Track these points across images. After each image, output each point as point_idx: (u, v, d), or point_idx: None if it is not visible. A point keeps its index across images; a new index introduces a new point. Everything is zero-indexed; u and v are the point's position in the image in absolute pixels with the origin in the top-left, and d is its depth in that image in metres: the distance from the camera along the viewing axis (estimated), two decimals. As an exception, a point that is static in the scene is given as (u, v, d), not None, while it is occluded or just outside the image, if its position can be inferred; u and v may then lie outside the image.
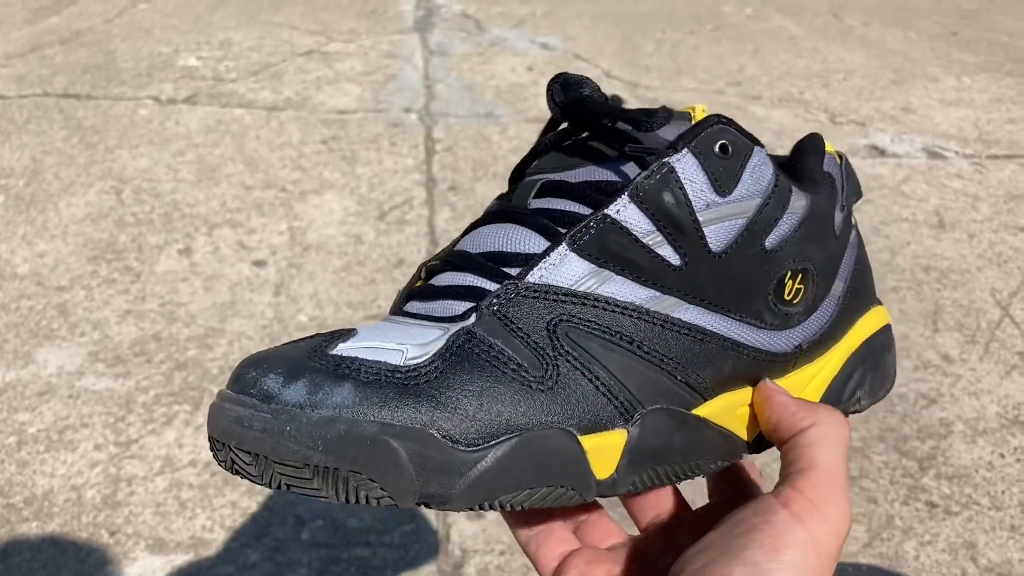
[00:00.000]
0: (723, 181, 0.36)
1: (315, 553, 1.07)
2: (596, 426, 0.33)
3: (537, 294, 0.34)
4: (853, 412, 0.42)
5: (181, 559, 1.06)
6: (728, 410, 0.37)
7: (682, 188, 0.35)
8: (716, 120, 0.37)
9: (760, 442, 0.39)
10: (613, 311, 0.35)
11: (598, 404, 0.33)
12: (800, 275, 0.38)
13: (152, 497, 1.13)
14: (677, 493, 0.42)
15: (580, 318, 0.34)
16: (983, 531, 1.12)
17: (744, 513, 0.34)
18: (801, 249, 0.38)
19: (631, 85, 2.27)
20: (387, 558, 1.07)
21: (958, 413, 1.30)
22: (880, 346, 0.43)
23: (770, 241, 0.37)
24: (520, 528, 0.40)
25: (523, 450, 0.32)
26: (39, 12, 2.60)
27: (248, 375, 0.32)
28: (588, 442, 0.33)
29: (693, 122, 0.37)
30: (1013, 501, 1.17)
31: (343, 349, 0.32)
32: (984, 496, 1.17)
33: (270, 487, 0.31)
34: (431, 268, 0.38)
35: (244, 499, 1.13)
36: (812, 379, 0.40)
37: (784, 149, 1.77)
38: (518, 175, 0.41)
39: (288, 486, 0.30)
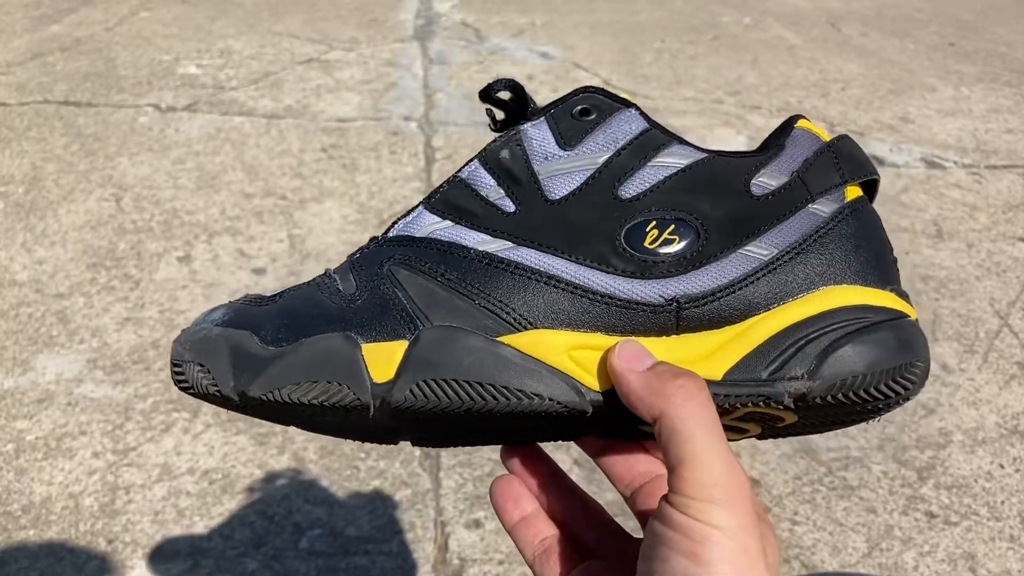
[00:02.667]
0: (569, 137, 0.40)
1: (313, 562, 1.06)
2: (382, 336, 0.38)
3: (390, 244, 0.40)
4: (798, 398, 0.37)
5: (179, 567, 1.05)
6: (549, 346, 0.37)
7: (520, 145, 0.40)
8: (584, 90, 0.41)
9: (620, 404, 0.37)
10: (436, 250, 0.39)
11: (391, 320, 0.38)
12: (672, 225, 0.38)
13: (150, 505, 1.13)
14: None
15: (406, 257, 0.39)
16: (982, 541, 1.12)
17: (653, 523, 0.33)
18: (675, 200, 0.39)
19: (630, 94, 2.28)
20: (385, 567, 1.06)
21: (957, 423, 1.30)
22: (858, 324, 0.37)
23: (627, 190, 0.39)
24: (526, 548, 0.41)
25: (307, 348, 0.37)
26: (40, 20, 2.61)
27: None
28: (369, 348, 0.37)
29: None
30: (1012, 511, 1.17)
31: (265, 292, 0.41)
32: (983, 506, 1.17)
33: (176, 386, 0.39)
34: None
35: (242, 507, 1.13)
36: (717, 349, 0.37)
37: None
38: None
39: (177, 383, 0.39)
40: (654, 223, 0.39)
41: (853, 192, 0.40)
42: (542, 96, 2.22)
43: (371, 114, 2.12)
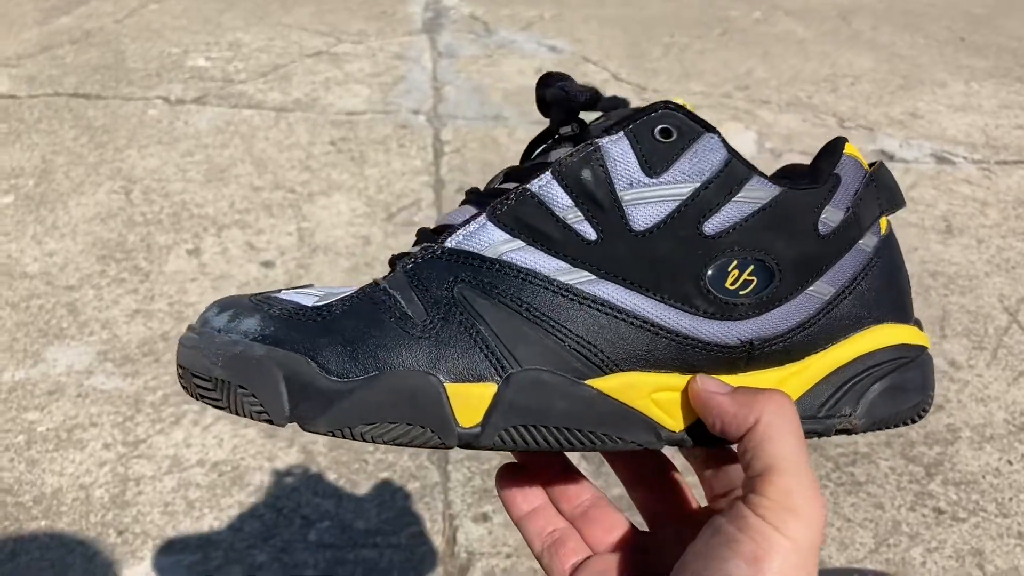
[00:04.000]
0: (654, 163, 0.36)
1: (321, 554, 1.07)
2: (468, 377, 0.35)
3: (450, 257, 0.37)
4: (842, 431, 0.39)
5: (188, 559, 1.06)
6: (635, 390, 0.36)
7: (603, 166, 0.36)
8: (663, 105, 0.37)
9: (705, 436, 0.37)
10: (513, 276, 0.36)
11: (474, 357, 0.35)
12: (752, 266, 0.37)
13: (160, 497, 1.13)
14: (684, 491, 0.41)
15: (479, 280, 0.36)
16: (990, 538, 1.12)
17: (720, 521, 0.33)
18: (756, 239, 0.37)
19: (639, 88, 2.28)
20: (393, 560, 1.07)
21: (965, 419, 1.30)
22: (890, 364, 0.40)
23: (711, 226, 0.37)
24: (534, 540, 0.40)
25: (384, 384, 0.34)
26: (50, 12, 2.61)
27: (205, 310, 0.38)
28: (454, 388, 0.35)
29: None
30: (1020, 508, 1.17)
31: (279, 293, 0.37)
32: (991, 502, 1.17)
33: (195, 399, 0.36)
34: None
35: (252, 500, 1.13)
36: (778, 384, 0.38)
37: (793, 153, 1.77)
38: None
39: (202, 396, 0.35)
40: (735, 263, 0.37)
41: (884, 223, 0.41)
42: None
43: (380, 107, 2.12)
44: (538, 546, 0.40)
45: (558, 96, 0.39)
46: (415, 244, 0.40)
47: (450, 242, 0.37)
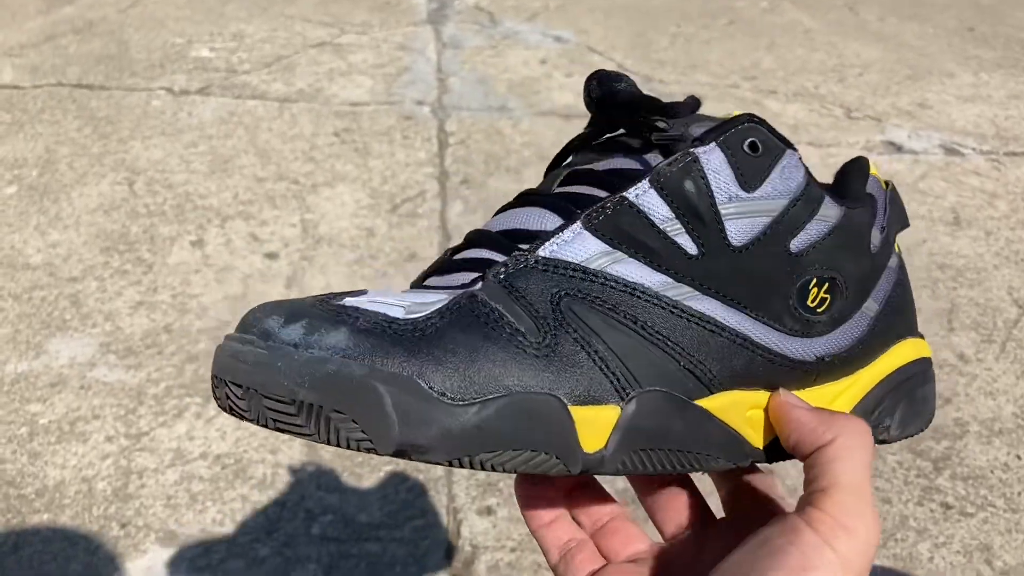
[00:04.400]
0: (749, 177, 0.36)
1: (325, 548, 1.06)
2: (589, 399, 0.33)
3: (546, 267, 0.34)
4: (880, 442, 0.40)
5: (191, 552, 1.06)
6: (736, 408, 0.36)
7: (704, 178, 0.35)
8: (748, 118, 0.37)
9: (776, 451, 0.38)
10: (621, 290, 0.34)
11: (593, 378, 0.33)
12: (827, 284, 0.37)
13: (163, 490, 1.13)
14: (701, 502, 0.41)
15: (586, 293, 0.34)
16: (999, 533, 1.11)
17: (769, 532, 0.33)
18: (830, 257, 0.37)
19: (645, 79, 2.26)
20: (397, 553, 1.06)
21: (973, 413, 1.29)
22: (916, 378, 0.42)
23: (796, 244, 0.37)
24: (550, 550, 0.40)
25: (509, 410, 0.31)
26: (53, 2, 2.60)
27: (252, 317, 0.33)
28: (579, 412, 0.33)
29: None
30: (1029, 503, 1.16)
31: (348, 301, 0.33)
32: (1000, 497, 1.16)
33: (258, 423, 0.31)
34: (453, 249, 0.39)
35: (254, 493, 1.13)
36: (836, 398, 0.39)
37: (800, 144, 1.76)
38: (552, 170, 0.41)
39: (275, 421, 0.31)
40: (815, 281, 0.37)
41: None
42: (556, 80, 2.20)
43: (384, 98, 2.11)
44: (555, 556, 0.40)
45: (629, 97, 0.38)
46: (468, 246, 0.37)
47: (543, 251, 0.35)
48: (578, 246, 0.35)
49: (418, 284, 0.38)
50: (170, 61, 2.26)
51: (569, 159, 0.41)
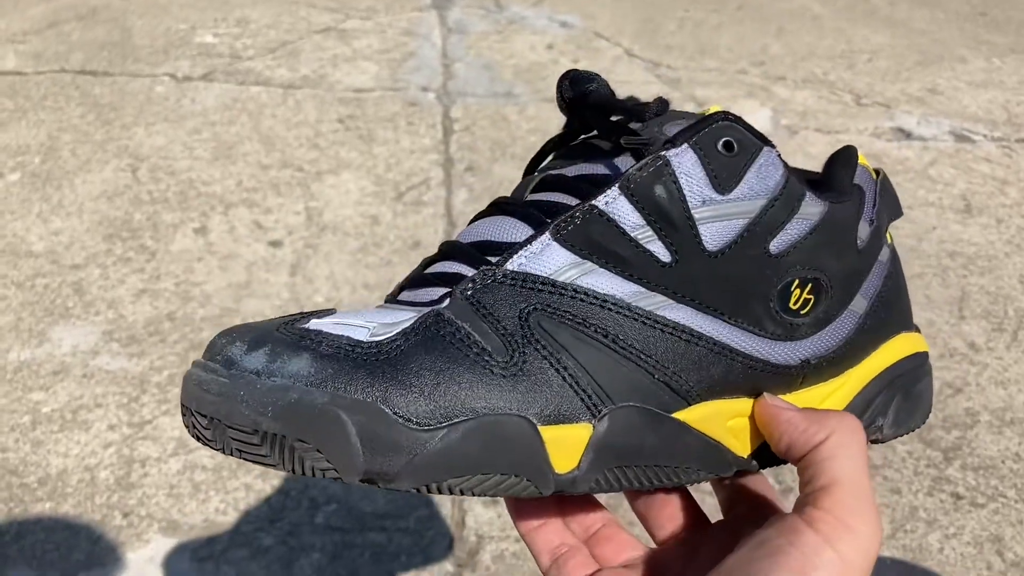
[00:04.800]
0: (723, 179, 0.34)
1: (329, 537, 1.06)
2: (559, 418, 0.32)
3: (514, 281, 0.33)
4: (873, 442, 0.40)
5: (194, 542, 1.05)
6: (716, 419, 0.35)
7: (676, 182, 0.34)
8: (722, 117, 0.35)
9: (764, 457, 0.37)
10: (591, 303, 0.33)
11: (563, 396, 0.32)
12: (810, 284, 0.36)
13: (166, 479, 1.12)
14: (695, 506, 0.40)
15: (555, 308, 0.33)
16: (1010, 524, 1.10)
17: (767, 534, 0.32)
18: (812, 257, 0.36)
19: (652, 64, 2.24)
20: (402, 543, 1.05)
21: (984, 403, 1.28)
22: (911, 373, 0.41)
23: (776, 245, 0.35)
24: (541, 555, 0.39)
25: (476, 434, 0.31)
26: (56, -12, 2.59)
27: (218, 343, 0.32)
28: (548, 432, 0.32)
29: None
30: (1040, 493, 1.14)
31: (313, 324, 0.32)
32: (1011, 488, 1.15)
33: (224, 452, 0.31)
34: (427, 260, 0.38)
35: (258, 482, 1.12)
36: (824, 400, 0.38)
37: (808, 131, 1.74)
38: (528, 172, 0.40)
39: (240, 451, 0.30)
40: (797, 283, 0.36)
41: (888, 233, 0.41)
42: (563, 66, 2.18)
43: (388, 84, 2.09)
44: (546, 560, 0.39)
45: (599, 100, 0.37)
46: (440, 258, 0.37)
47: (511, 264, 0.34)
48: (547, 258, 0.34)
49: (392, 298, 0.37)
50: (173, 47, 2.24)
51: (546, 162, 0.40)
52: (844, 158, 0.39)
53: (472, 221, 0.38)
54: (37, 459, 1.15)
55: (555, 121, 1.95)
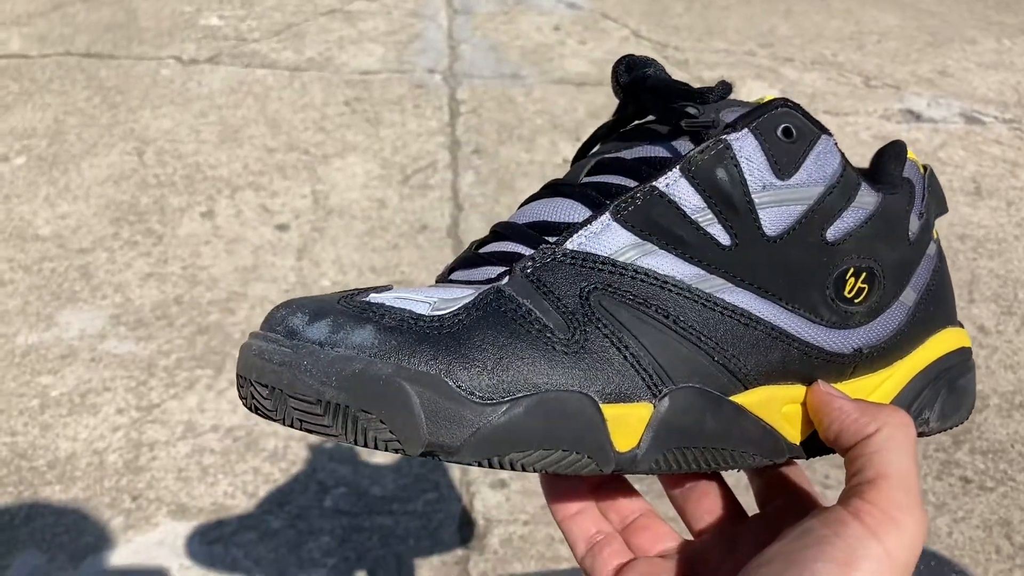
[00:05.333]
0: (783, 164, 0.35)
1: (337, 521, 1.06)
2: (620, 396, 0.32)
3: (574, 260, 0.33)
4: (920, 435, 0.39)
5: (203, 525, 1.05)
6: (771, 404, 0.35)
7: (737, 166, 0.34)
8: (782, 103, 0.35)
9: (814, 446, 0.37)
10: (652, 284, 0.33)
11: (625, 374, 0.32)
12: (864, 273, 0.36)
13: (174, 462, 1.13)
14: (732, 498, 0.40)
15: (615, 287, 0.33)
16: (1019, 508, 1.10)
17: (811, 524, 0.32)
18: (867, 246, 0.36)
19: (660, 46, 2.22)
20: (409, 527, 1.06)
21: (994, 386, 1.27)
22: (956, 368, 0.41)
23: (832, 232, 0.35)
24: (577, 542, 0.39)
25: (539, 408, 0.31)
26: (60, -30, 2.58)
27: (277, 314, 0.32)
28: (610, 410, 0.32)
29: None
30: (1050, 477, 1.14)
31: (373, 297, 0.32)
32: (1020, 472, 1.14)
33: (284, 423, 0.31)
34: (479, 242, 0.37)
35: (266, 466, 1.12)
36: (873, 391, 0.38)
37: (817, 113, 1.72)
38: (579, 158, 0.40)
39: (301, 421, 0.30)
40: (852, 271, 0.36)
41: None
42: (569, 47, 2.17)
43: (395, 66, 2.08)
44: (582, 548, 0.39)
45: (660, 84, 0.36)
46: (494, 238, 0.36)
47: (571, 243, 0.33)
48: (607, 238, 0.34)
49: (443, 278, 0.37)
50: (179, 29, 2.23)
51: (597, 147, 0.39)
52: (894, 152, 0.39)
53: (524, 203, 0.38)
54: (46, 443, 1.15)
55: (562, 103, 1.94)
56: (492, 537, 1.05)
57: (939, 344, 0.40)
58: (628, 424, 0.32)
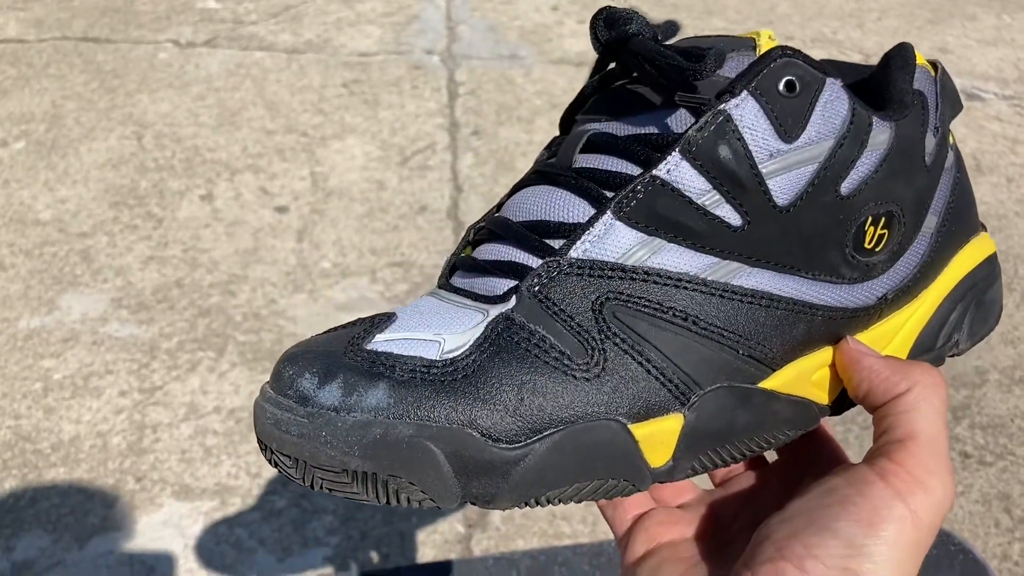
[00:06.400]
0: (788, 125, 0.32)
1: (341, 500, 1.06)
2: (649, 412, 0.31)
3: (582, 271, 0.32)
4: (951, 355, 0.38)
5: (207, 505, 1.06)
6: (802, 377, 0.34)
7: (741, 139, 0.32)
8: (780, 53, 0.32)
9: (842, 403, 0.36)
10: (665, 284, 0.32)
11: (650, 389, 0.31)
12: (883, 219, 0.34)
13: (177, 444, 1.13)
14: None
15: (628, 295, 0.31)
16: (1018, 482, 1.10)
17: (835, 482, 0.31)
18: (884, 190, 0.34)
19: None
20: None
21: (993, 361, 1.28)
22: (983, 280, 0.39)
23: (847, 186, 0.33)
24: None
25: (567, 445, 0.30)
26: (56, -46, 2.57)
27: (286, 373, 0.31)
28: (640, 430, 0.31)
29: (757, 54, 0.33)
30: (1049, 451, 1.15)
31: (379, 342, 0.31)
32: (1020, 446, 1.15)
33: (314, 489, 0.30)
34: (477, 234, 0.36)
35: (269, 446, 1.13)
36: (900, 328, 0.36)
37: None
38: (568, 122, 0.38)
39: (330, 490, 0.30)
40: (870, 220, 0.34)
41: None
42: (568, 27, 2.16)
43: (393, 48, 2.08)
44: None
45: (644, 50, 0.33)
46: (491, 238, 0.35)
47: (575, 251, 0.32)
48: (612, 241, 0.32)
49: (445, 280, 0.35)
50: (176, 13, 2.23)
51: (587, 105, 0.37)
52: (900, 60, 0.35)
53: (516, 189, 0.36)
54: (50, 425, 1.16)
55: (561, 83, 1.93)
56: (494, 514, 1.05)
57: (964, 261, 0.38)
58: (660, 441, 0.31)
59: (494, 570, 0.77)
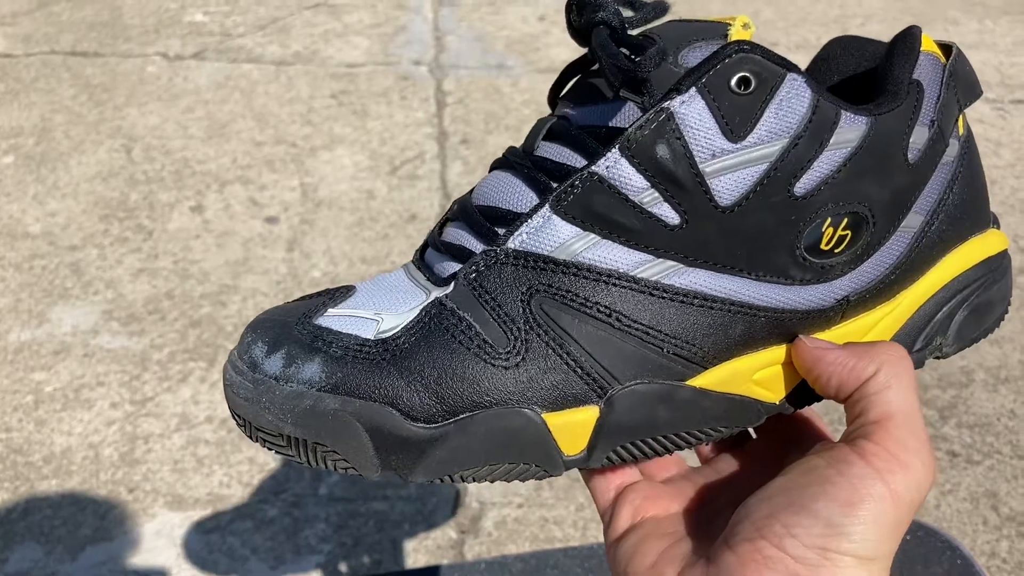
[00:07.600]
0: (736, 124, 0.31)
1: (332, 508, 1.07)
2: (564, 403, 0.32)
3: (516, 261, 0.32)
4: (936, 358, 0.38)
5: (199, 515, 1.06)
6: (737, 377, 0.34)
7: (680, 138, 0.31)
8: (736, 48, 0.31)
9: (799, 398, 0.35)
10: (594, 280, 0.32)
11: (567, 381, 0.32)
12: (846, 219, 0.33)
13: (169, 454, 1.13)
14: None
15: (557, 288, 0.32)
16: (1005, 480, 1.11)
17: (815, 461, 0.31)
18: (848, 190, 0.33)
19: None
20: (404, 511, 1.07)
21: (979, 361, 1.29)
22: (979, 281, 0.37)
23: (802, 186, 0.32)
24: None
25: (479, 428, 0.31)
26: (44, -31, 2.57)
27: (246, 339, 0.34)
28: (554, 419, 0.32)
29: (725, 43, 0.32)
30: (1035, 449, 1.16)
31: (327, 316, 0.33)
32: (1006, 445, 1.16)
33: (264, 447, 0.33)
34: (450, 211, 0.37)
35: (261, 455, 1.13)
36: (871, 329, 0.36)
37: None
38: (553, 101, 0.38)
39: (271, 449, 0.33)
40: (829, 221, 0.33)
41: (961, 122, 0.36)
42: (555, 37, 2.18)
43: (380, 59, 2.09)
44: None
45: (601, 42, 0.33)
46: (453, 216, 0.35)
47: (512, 242, 0.32)
48: (548, 234, 0.32)
49: (418, 256, 0.36)
50: (164, 26, 2.23)
51: (570, 84, 0.37)
52: (904, 46, 0.34)
53: (491, 170, 0.37)
54: (41, 438, 1.16)
55: (547, 92, 1.94)
56: (486, 520, 1.06)
57: (958, 260, 0.37)
58: (573, 431, 0.32)
59: (486, 575, 0.78)
